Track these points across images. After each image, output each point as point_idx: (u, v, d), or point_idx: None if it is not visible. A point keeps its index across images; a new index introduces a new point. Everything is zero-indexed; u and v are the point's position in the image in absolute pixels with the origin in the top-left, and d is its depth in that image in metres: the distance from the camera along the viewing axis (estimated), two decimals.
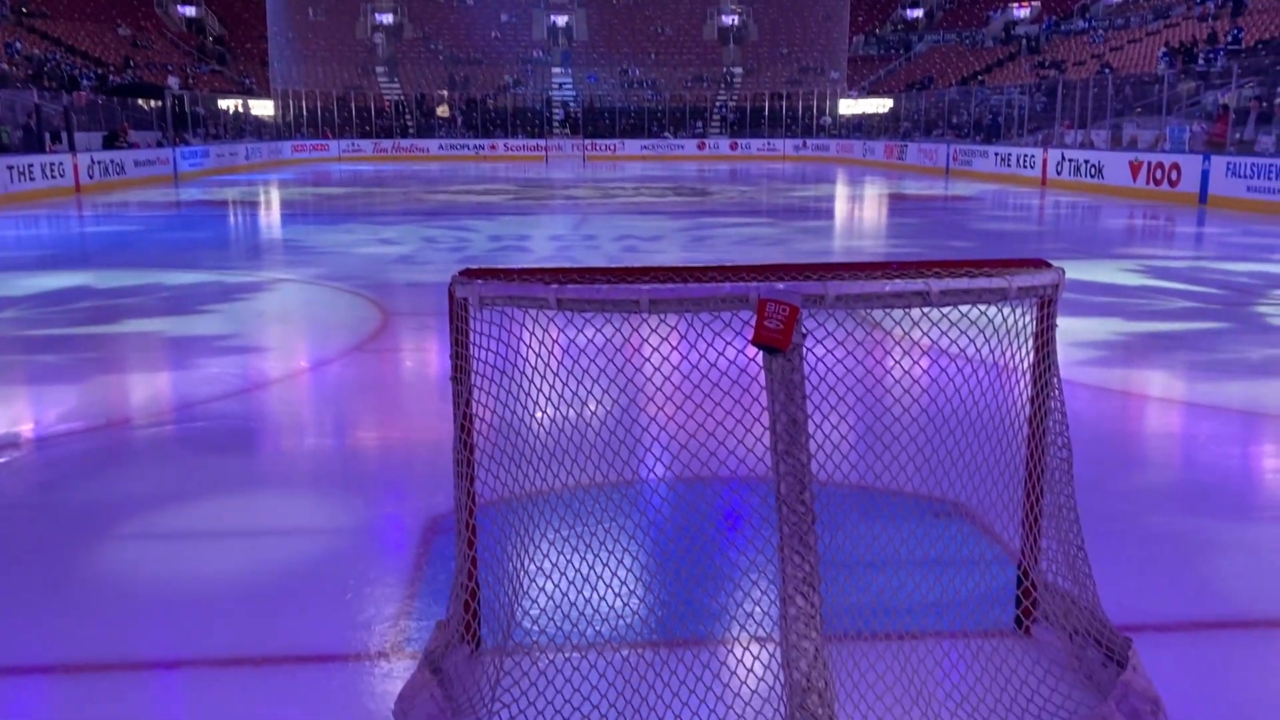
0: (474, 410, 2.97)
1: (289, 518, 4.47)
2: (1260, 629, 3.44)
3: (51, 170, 23.56)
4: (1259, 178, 19.00)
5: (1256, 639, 3.38)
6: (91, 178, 25.19)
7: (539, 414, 2.84)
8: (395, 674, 3.10)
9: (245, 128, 43.50)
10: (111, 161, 26.80)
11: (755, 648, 3.22)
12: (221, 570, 3.93)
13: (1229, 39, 32.90)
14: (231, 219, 19.77)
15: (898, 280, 2.61)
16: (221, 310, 9.59)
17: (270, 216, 20.84)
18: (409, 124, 48.70)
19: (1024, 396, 3.04)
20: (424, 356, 7.97)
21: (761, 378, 2.62)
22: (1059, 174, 26.03)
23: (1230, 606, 3.57)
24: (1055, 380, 3.03)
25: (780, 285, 2.53)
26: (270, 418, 6.22)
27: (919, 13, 56.24)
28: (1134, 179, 22.71)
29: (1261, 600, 3.61)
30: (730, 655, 3.13)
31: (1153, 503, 4.67)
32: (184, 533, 4.31)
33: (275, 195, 25.81)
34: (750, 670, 3.06)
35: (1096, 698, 2.86)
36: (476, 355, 2.93)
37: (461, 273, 2.86)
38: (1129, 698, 2.70)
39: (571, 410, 2.81)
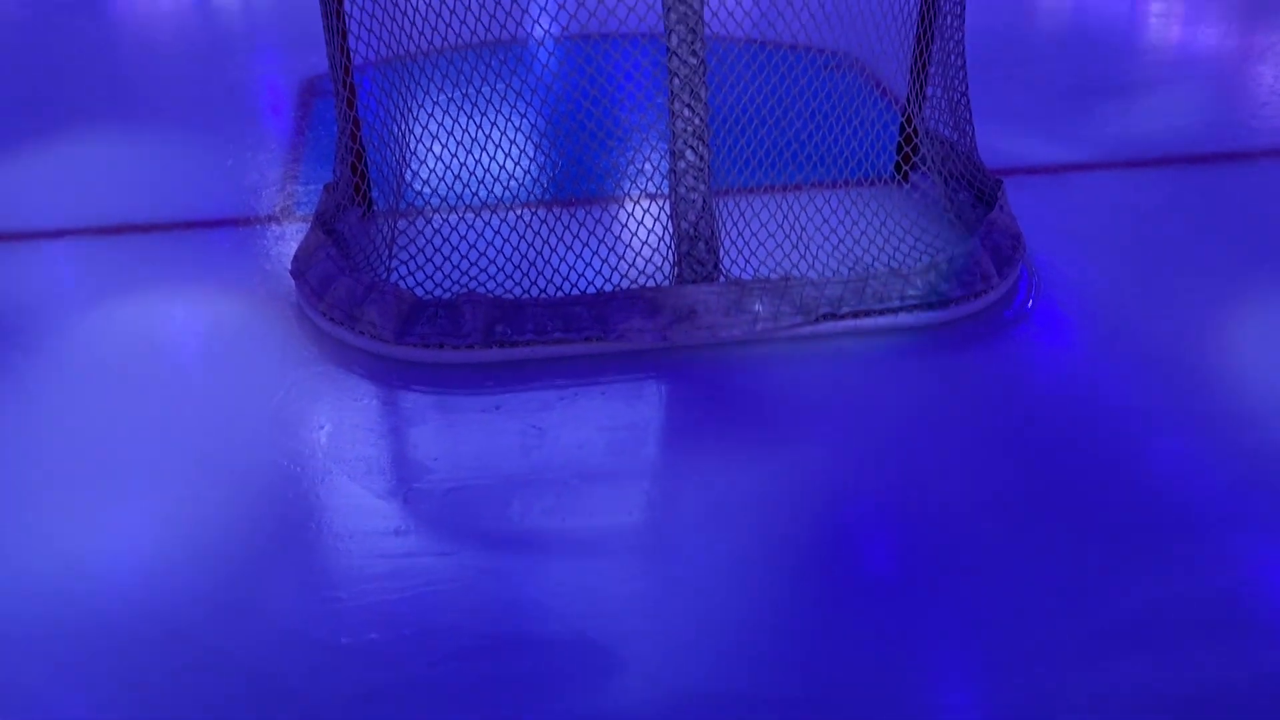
0: None
1: (153, 84, 4.21)
2: (1120, 169, 3.63)
3: None
4: None
5: (1117, 179, 3.57)
6: None
7: None
8: (288, 236, 3.11)
9: None
10: None
11: (646, 202, 3.29)
12: (93, 149, 3.74)
13: None
14: None
15: None
16: None
17: None
18: None
19: None
20: None
21: None
22: None
23: (1098, 150, 3.74)
24: None
25: None
26: None
27: None
28: None
29: (1127, 144, 3.77)
30: (622, 210, 3.20)
31: (1040, 51, 4.71)
32: (53, 104, 4.04)
33: None
34: (641, 223, 3.14)
35: (964, 236, 3.04)
36: None
37: None
38: (992, 234, 2.89)
39: None
